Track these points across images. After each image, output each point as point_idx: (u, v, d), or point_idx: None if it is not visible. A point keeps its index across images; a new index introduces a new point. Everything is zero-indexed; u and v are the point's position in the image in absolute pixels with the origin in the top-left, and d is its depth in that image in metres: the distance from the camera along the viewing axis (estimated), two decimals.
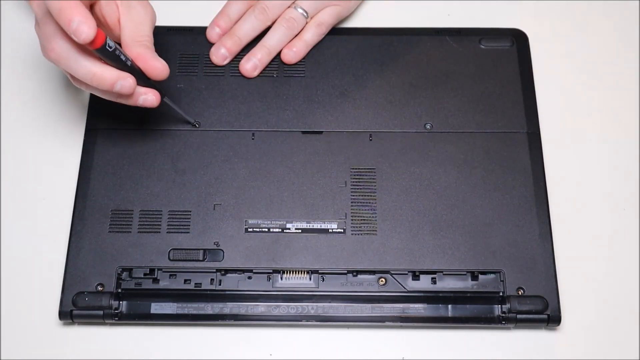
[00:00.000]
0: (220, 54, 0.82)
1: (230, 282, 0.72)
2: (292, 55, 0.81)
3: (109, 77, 0.68)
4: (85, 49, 0.67)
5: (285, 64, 0.82)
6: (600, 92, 0.84)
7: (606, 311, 0.73)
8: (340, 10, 0.84)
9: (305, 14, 0.82)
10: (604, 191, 0.79)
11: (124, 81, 0.69)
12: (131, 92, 0.70)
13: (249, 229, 0.74)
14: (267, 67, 0.82)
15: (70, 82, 0.72)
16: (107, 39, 0.66)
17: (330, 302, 0.72)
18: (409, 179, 0.76)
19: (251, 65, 0.81)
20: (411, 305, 0.72)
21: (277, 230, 0.74)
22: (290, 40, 0.82)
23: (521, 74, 0.81)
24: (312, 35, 0.82)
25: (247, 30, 0.82)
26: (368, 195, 0.75)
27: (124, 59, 0.69)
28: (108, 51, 0.67)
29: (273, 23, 0.82)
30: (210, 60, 0.82)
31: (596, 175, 0.79)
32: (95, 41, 0.65)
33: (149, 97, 0.72)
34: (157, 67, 0.71)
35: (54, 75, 0.84)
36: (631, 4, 0.88)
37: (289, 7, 0.82)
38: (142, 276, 0.72)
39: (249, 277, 0.73)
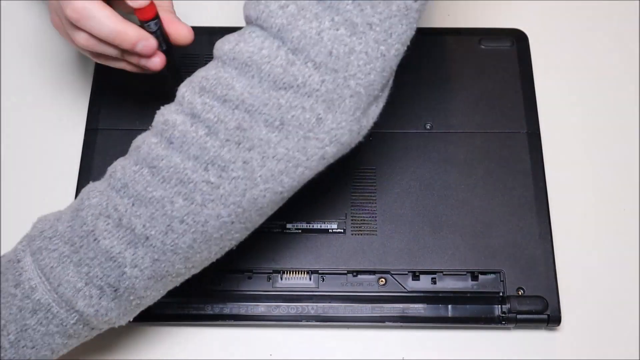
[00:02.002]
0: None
1: (231, 283, 0.72)
2: None
3: (132, 35, 0.67)
4: (106, 7, 0.66)
5: None
6: (600, 92, 0.84)
7: (606, 311, 0.73)
8: None
9: None
10: (603, 191, 0.79)
11: (146, 41, 0.67)
12: (151, 52, 0.68)
13: None
14: None
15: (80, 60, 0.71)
16: (158, 15, 0.68)
17: (330, 302, 0.72)
18: (409, 179, 0.76)
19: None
20: (411, 305, 0.72)
21: (277, 230, 0.74)
22: None
23: (521, 74, 0.81)
24: None
25: None
26: (368, 196, 0.75)
27: (160, 37, 0.69)
28: (151, 28, 0.68)
29: None
30: (209, 60, 0.81)
31: (596, 175, 0.79)
32: (148, 11, 0.67)
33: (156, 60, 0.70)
34: (182, 31, 0.70)
35: (54, 75, 0.84)
36: (631, 4, 0.88)
37: None
38: None
39: (249, 277, 0.73)
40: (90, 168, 0.76)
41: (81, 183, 0.76)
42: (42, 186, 0.79)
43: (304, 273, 0.73)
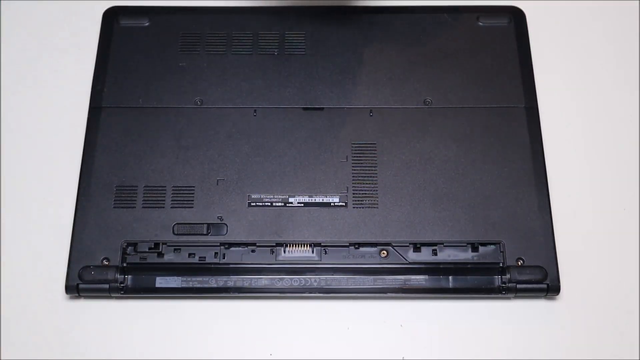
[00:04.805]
0: None
1: (234, 256, 0.73)
2: None
3: None
4: None
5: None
6: (597, 67, 0.85)
7: (604, 280, 0.74)
8: None
9: None
10: (601, 163, 0.80)
11: None
12: None
13: (252, 203, 0.75)
14: (268, 45, 0.82)
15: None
16: None
17: (332, 275, 0.73)
18: (409, 153, 0.77)
19: None
20: (412, 276, 0.73)
21: (279, 204, 0.75)
22: None
23: (519, 50, 0.82)
24: None
25: None
26: (369, 170, 0.76)
27: None
28: None
29: None
30: (212, 39, 0.82)
31: (593, 146, 0.80)
32: None
33: None
34: None
35: (58, 53, 0.85)
36: None
37: None
38: (147, 250, 0.73)
39: (253, 251, 0.73)
40: (95, 145, 0.77)
41: (86, 160, 0.77)
42: (45, 165, 0.79)
43: (307, 246, 0.74)
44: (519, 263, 0.72)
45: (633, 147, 0.80)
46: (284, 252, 0.73)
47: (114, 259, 0.73)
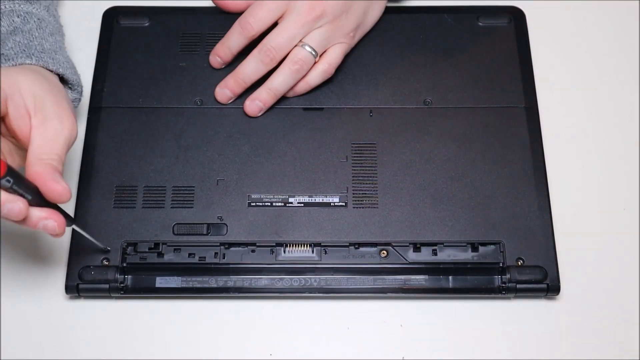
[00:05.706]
0: (224, 95, 0.79)
1: (234, 256, 0.73)
2: (291, 94, 0.80)
3: None
4: None
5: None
6: (597, 66, 0.85)
7: (604, 279, 0.74)
8: (347, 48, 0.80)
9: (314, 53, 0.77)
10: (601, 163, 0.80)
11: (12, 204, 0.61)
12: (21, 217, 0.62)
13: (252, 204, 0.75)
14: None
15: None
16: (9, 170, 0.60)
17: (332, 275, 0.73)
18: (409, 153, 0.77)
19: (255, 107, 0.78)
20: (412, 276, 0.73)
21: (279, 204, 0.75)
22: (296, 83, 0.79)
23: (519, 50, 0.82)
24: (317, 79, 0.79)
25: (251, 73, 0.78)
26: (369, 170, 0.76)
27: (21, 192, 0.61)
28: (5, 185, 0.60)
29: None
30: (212, 39, 0.82)
31: (593, 147, 0.81)
32: None
33: (49, 224, 0.64)
34: (55, 190, 0.63)
35: None
36: None
37: (296, 45, 0.77)
38: (147, 250, 0.73)
39: (253, 251, 0.73)
40: (95, 145, 0.77)
41: (86, 160, 0.77)
42: None
43: (307, 246, 0.74)
44: (519, 263, 0.72)
45: (633, 147, 0.80)
46: (284, 252, 0.73)
47: (114, 259, 0.73)
